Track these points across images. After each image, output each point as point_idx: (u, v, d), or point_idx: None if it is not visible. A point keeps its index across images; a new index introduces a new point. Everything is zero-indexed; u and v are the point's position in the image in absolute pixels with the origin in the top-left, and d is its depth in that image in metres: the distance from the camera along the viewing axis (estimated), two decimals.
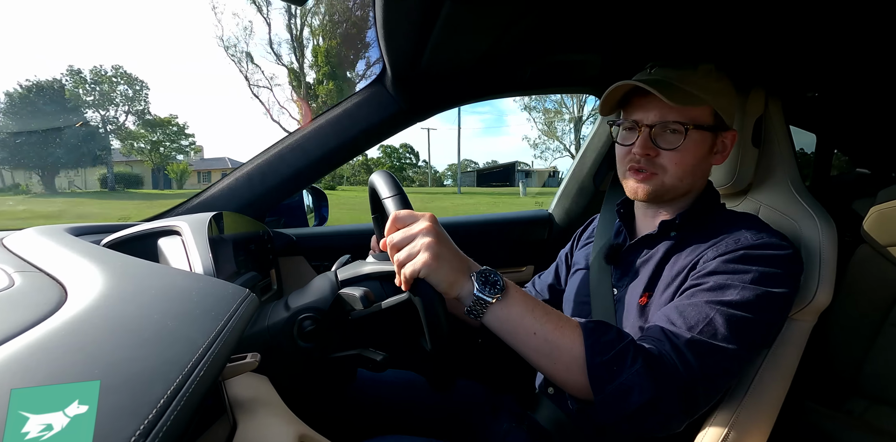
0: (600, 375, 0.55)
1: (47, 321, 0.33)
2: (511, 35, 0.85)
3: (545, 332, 0.57)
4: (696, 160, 0.71)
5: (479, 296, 0.56)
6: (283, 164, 1.06)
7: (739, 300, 0.60)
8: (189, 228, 0.70)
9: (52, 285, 0.43)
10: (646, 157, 0.71)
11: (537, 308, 0.59)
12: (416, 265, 0.55)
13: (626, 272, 0.78)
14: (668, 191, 0.73)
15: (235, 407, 0.51)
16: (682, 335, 0.58)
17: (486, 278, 0.58)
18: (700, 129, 0.70)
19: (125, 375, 0.28)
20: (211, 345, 0.35)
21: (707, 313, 0.60)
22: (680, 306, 0.62)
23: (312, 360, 0.67)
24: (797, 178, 0.85)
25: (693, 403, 0.57)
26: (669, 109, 0.69)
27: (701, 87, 0.69)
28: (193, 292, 0.43)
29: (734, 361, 0.59)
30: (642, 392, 0.53)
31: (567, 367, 0.57)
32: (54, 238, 0.60)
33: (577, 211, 1.51)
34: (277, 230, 1.21)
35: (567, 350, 0.56)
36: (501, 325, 0.58)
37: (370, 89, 1.07)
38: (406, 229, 0.57)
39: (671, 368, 0.56)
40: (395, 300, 0.65)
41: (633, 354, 0.56)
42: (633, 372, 0.54)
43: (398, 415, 0.86)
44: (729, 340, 0.58)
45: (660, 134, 0.70)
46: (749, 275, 0.62)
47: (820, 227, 0.75)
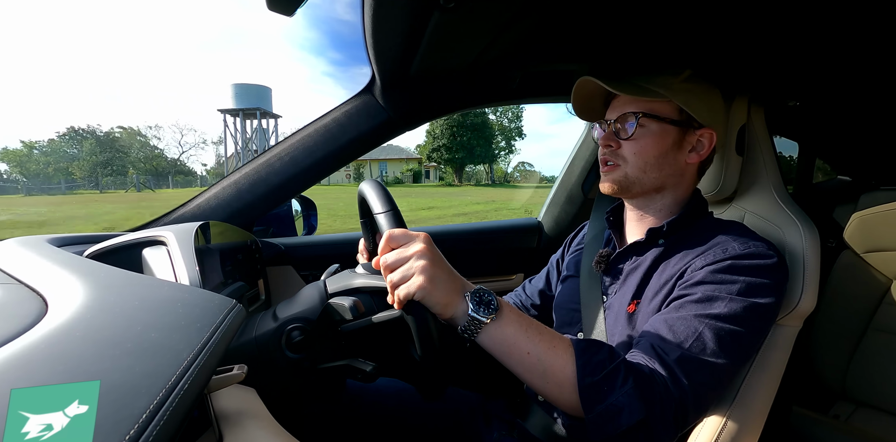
0: (591, 395, 0.55)
1: (27, 334, 0.32)
2: (500, 44, 0.86)
3: (538, 351, 0.57)
4: (658, 152, 0.72)
5: (474, 316, 0.56)
6: (271, 172, 1.06)
7: (727, 313, 0.61)
8: (175, 238, 0.69)
9: (32, 297, 0.42)
10: (608, 148, 0.75)
11: (531, 328, 0.59)
12: (411, 288, 0.55)
13: (616, 280, 0.78)
14: (633, 183, 0.74)
15: (221, 420, 0.50)
16: (671, 352, 0.59)
17: (481, 298, 0.58)
18: (656, 119, 0.72)
19: (106, 388, 0.27)
20: (196, 357, 0.34)
21: (696, 328, 0.60)
22: (669, 319, 0.63)
23: (301, 371, 0.66)
24: (780, 186, 0.87)
25: (683, 419, 0.57)
26: (630, 103, 0.74)
27: (661, 85, 0.72)
28: (178, 303, 0.43)
29: (723, 374, 0.60)
30: (632, 413, 0.54)
31: (559, 386, 0.57)
32: (35, 249, 0.58)
33: (566, 219, 1.52)
34: (265, 240, 1.20)
35: (559, 370, 0.57)
36: (495, 344, 0.58)
37: (359, 98, 1.07)
38: (401, 250, 0.57)
39: (661, 387, 0.56)
40: (386, 316, 0.64)
41: (624, 374, 0.56)
42: (624, 393, 0.55)
43: (388, 424, 0.85)
44: (718, 354, 0.59)
45: (621, 127, 0.74)
46: (736, 285, 0.63)
47: (803, 233, 0.77)
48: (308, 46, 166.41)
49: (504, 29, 0.79)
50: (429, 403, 0.89)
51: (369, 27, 0.74)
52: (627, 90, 0.72)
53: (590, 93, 0.79)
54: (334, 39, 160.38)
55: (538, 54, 0.97)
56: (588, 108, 0.82)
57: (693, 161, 0.75)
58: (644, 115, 0.72)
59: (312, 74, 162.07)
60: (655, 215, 0.78)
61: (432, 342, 0.56)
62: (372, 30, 0.75)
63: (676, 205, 0.77)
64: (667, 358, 0.59)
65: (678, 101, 0.71)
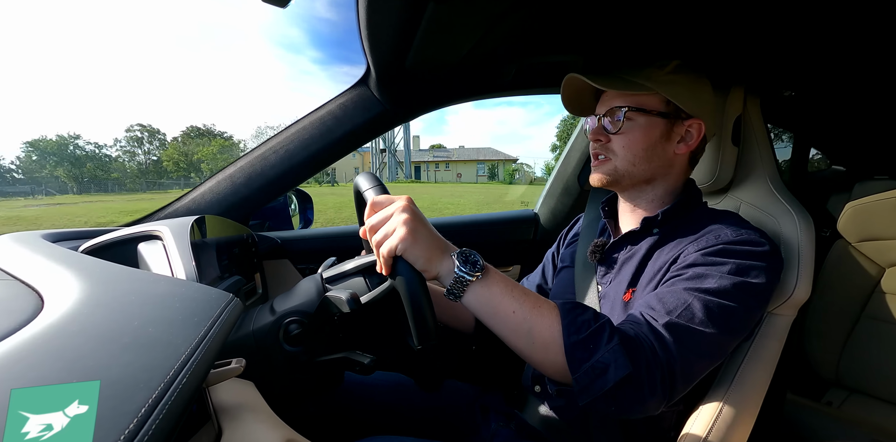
0: (577, 353, 0.55)
1: (23, 330, 0.32)
2: (495, 35, 0.86)
3: (524, 311, 0.58)
4: (646, 144, 0.73)
5: (460, 274, 0.57)
6: (266, 166, 1.05)
7: (717, 288, 0.61)
8: (170, 233, 0.69)
9: (27, 293, 0.42)
10: (598, 142, 0.76)
11: (516, 288, 0.60)
12: (393, 242, 0.56)
13: (611, 269, 0.79)
14: (623, 175, 0.75)
15: (220, 413, 0.50)
16: (659, 318, 0.59)
17: (467, 258, 0.59)
18: (642, 112, 0.73)
19: (105, 384, 0.27)
20: (194, 351, 0.34)
21: (685, 299, 0.61)
22: (659, 293, 0.64)
23: (299, 364, 0.66)
24: (776, 176, 0.87)
25: (671, 384, 0.57)
26: (617, 98, 0.74)
27: (646, 77, 0.73)
28: (175, 298, 0.43)
29: (712, 345, 0.60)
30: (618, 368, 0.54)
31: (545, 346, 0.57)
32: (29, 245, 0.58)
33: (562, 210, 1.52)
34: (262, 233, 1.19)
35: (545, 328, 0.57)
36: (481, 304, 0.59)
37: (354, 90, 1.06)
38: (383, 211, 0.59)
39: (648, 346, 0.57)
40: (374, 293, 0.65)
41: (609, 332, 0.57)
42: (609, 349, 0.55)
43: (386, 417, 0.86)
44: (706, 324, 0.59)
45: (609, 121, 0.75)
46: (727, 266, 0.63)
47: (798, 223, 0.77)
48: (287, 44, 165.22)
49: (498, 20, 0.78)
50: (426, 396, 0.90)
51: (364, 19, 0.73)
52: (613, 85, 0.72)
53: (579, 88, 0.79)
54: (314, 37, 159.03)
55: (532, 46, 0.96)
56: (578, 103, 0.83)
57: (682, 152, 0.75)
58: (630, 109, 0.72)
59: (292, 73, 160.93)
60: (648, 206, 0.78)
61: (421, 306, 0.57)
62: (367, 21, 0.74)
63: (668, 195, 0.78)
64: (654, 323, 0.59)
65: (664, 93, 0.72)
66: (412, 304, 0.57)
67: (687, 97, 0.73)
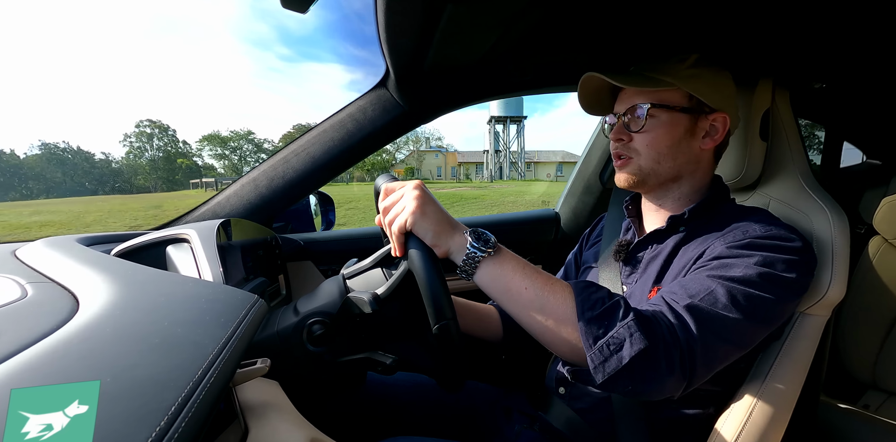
0: (591, 329, 0.54)
1: (60, 330, 0.33)
2: (512, 34, 0.85)
3: (536, 287, 0.57)
4: (670, 141, 0.71)
5: (472, 250, 0.58)
6: (289, 169, 1.07)
7: (743, 276, 0.59)
8: (197, 236, 0.70)
9: (63, 295, 0.43)
10: (620, 142, 0.74)
11: (528, 266, 0.59)
12: (402, 217, 0.58)
13: (636, 268, 0.77)
14: (648, 175, 0.73)
15: (247, 412, 0.51)
16: (680, 301, 0.58)
17: (479, 235, 0.59)
18: (666, 108, 0.71)
19: (135, 382, 0.28)
20: (221, 351, 0.35)
21: (709, 285, 0.59)
22: (682, 281, 0.62)
23: (322, 364, 0.67)
24: (807, 171, 0.84)
25: (690, 364, 0.55)
26: (636, 95, 0.73)
27: (666, 73, 0.71)
28: (203, 299, 0.44)
29: (735, 331, 0.58)
30: (633, 343, 0.52)
31: (558, 323, 0.56)
32: (65, 249, 0.60)
33: (584, 209, 1.50)
34: (285, 236, 1.21)
35: (558, 305, 0.56)
36: (494, 281, 0.59)
37: (374, 93, 1.07)
38: (394, 193, 0.61)
39: (665, 324, 0.55)
40: (392, 281, 0.65)
41: (624, 309, 0.55)
42: (625, 324, 0.54)
43: (409, 417, 0.86)
44: (729, 309, 0.57)
45: (631, 119, 0.73)
46: (754, 258, 0.61)
47: (832, 220, 0.74)
48: (254, 40, 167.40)
49: (516, 19, 0.78)
50: (448, 397, 0.90)
51: (383, 22, 0.74)
52: (633, 82, 0.70)
53: (597, 87, 0.77)
54: (282, 34, 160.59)
55: (550, 44, 0.95)
56: (596, 102, 0.81)
57: (708, 147, 0.74)
58: (653, 106, 0.71)
59: (258, 69, 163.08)
60: (674, 204, 0.76)
61: (435, 280, 0.57)
62: (385, 24, 0.75)
63: (695, 192, 0.76)
64: (675, 305, 0.58)
65: (687, 88, 0.70)
66: (425, 278, 0.57)
67: (709, 91, 0.71)
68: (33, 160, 62.59)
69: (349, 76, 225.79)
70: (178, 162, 63.41)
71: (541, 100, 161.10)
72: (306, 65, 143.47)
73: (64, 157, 62.68)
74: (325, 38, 27.49)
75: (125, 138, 65.77)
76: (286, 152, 1.08)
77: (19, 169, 61.10)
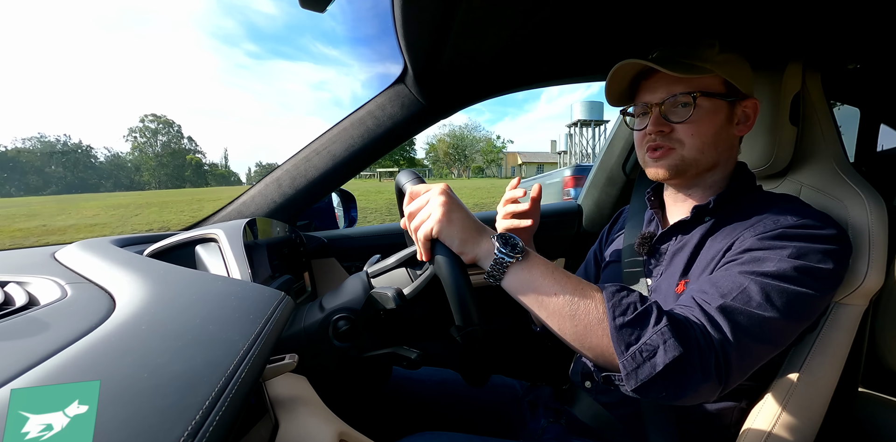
0: (623, 336, 0.52)
1: (98, 329, 0.35)
2: (531, 24, 0.84)
3: (566, 292, 0.55)
4: (714, 129, 0.70)
5: (500, 255, 0.56)
6: (310, 167, 1.09)
7: (776, 271, 0.57)
8: (225, 236, 0.72)
9: (101, 295, 0.45)
10: (660, 134, 0.71)
11: (557, 271, 0.58)
12: (429, 224, 0.57)
13: (660, 261, 0.76)
14: (690, 165, 0.71)
15: (277, 406, 0.53)
16: (712, 301, 0.56)
17: (506, 240, 0.58)
18: (711, 96, 0.69)
19: (171, 378, 0.29)
20: (251, 347, 0.36)
21: (741, 282, 0.57)
22: (713, 278, 0.60)
23: (348, 359, 0.68)
24: (841, 156, 0.81)
25: (726, 369, 0.53)
26: (675, 83, 0.70)
27: (702, 59, 0.69)
28: (232, 297, 0.45)
29: (771, 329, 0.56)
30: (667, 350, 0.51)
31: (589, 329, 0.54)
32: (100, 250, 0.63)
33: (607, 201, 1.48)
34: (309, 233, 1.23)
35: (589, 311, 0.55)
36: (522, 286, 0.57)
37: (392, 89, 1.08)
38: (420, 197, 0.60)
39: (699, 328, 0.54)
40: (417, 283, 0.66)
41: (657, 314, 0.53)
42: (658, 331, 0.52)
43: (434, 411, 0.87)
44: (764, 307, 0.55)
45: (670, 109, 0.71)
46: (787, 250, 0.59)
47: (868, 206, 0.71)
48: (221, 35, 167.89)
49: (533, 10, 0.77)
50: (473, 391, 0.90)
51: (400, 17, 0.74)
52: (677, 69, 0.68)
53: (622, 77, 0.75)
54: (251, 30, 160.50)
55: (568, 34, 0.94)
56: (619, 92, 0.78)
57: (742, 133, 0.73)
58: (701, 94, 0.68)
59: (226, 66, 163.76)
60: (703, 193, 0.75)
61: (461, 285, 0.57)
62: (402, 20, 0.75)
63: (724, 180, 0.74)
64: (707, 306, 0.56)
65: (724, 75, 0.68)
66: (452, 285, 0.57)
67: (741, 76, 0.70)
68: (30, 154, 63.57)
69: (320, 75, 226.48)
70: (187, 158, 63.83)
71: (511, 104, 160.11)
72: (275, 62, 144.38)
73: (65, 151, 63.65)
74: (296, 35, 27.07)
75: (130, 133, 66.35)
76: (308, 151, 1.10)
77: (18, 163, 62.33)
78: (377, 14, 73.30)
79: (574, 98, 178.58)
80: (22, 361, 0.29)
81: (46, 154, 62.66)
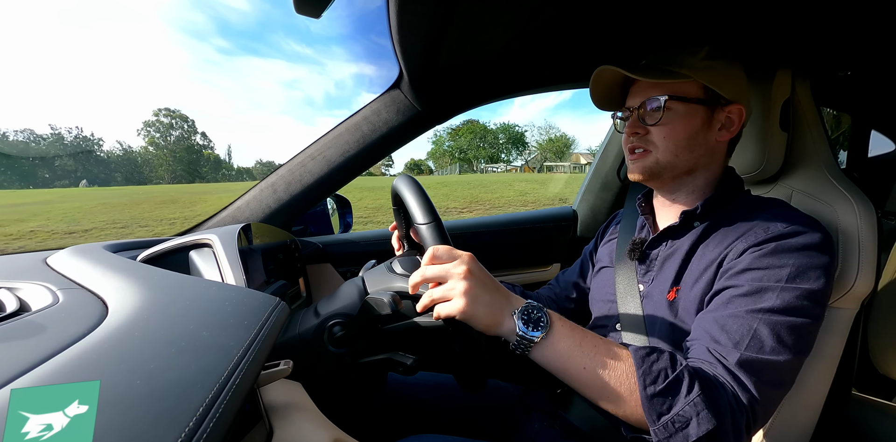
0: (655, 406, 0.53)
1: (90, 335, 0.35)
2: (527, 30, 0.85)
3: (595, 365, 0.55)
4: (687, 133, 0.70)
5: (523, 336, 0.55)
6: (305, 173, 1.08)
7: (780, 305, 0.58)
8: (219, 241, 0.72)
9: (93, 301, 0.45)
10: (636, 136, 0.73)
11: (585, 340, 0.56)
12: (452, 311, 0.54)
13: (652, 267, 0.76)
14: (664, 168, 0.72)
15: (271, 413, 0.52)
16: (730, 355, 0.57)
17: (529, 316, 0.56)
18: (681, 100, 0.70)
19: (164, 384, 0.29)
20: (245, 353, 0.36)
21: (750, 325, 0.58)
22: (719, 319, 0.60)
23: (344, 365, 0.68)
24: (831, 162, 0.82)
25: (754, 424, 0.55)
26: (652, 88, 0.72)
27: (681, 65, 0.70)
28: (226, 303, 0.45)
29: (786, 371, 0.58)
30: (701, 423, 0.51)
31: (620, 399, 0.54)
32: (93, 256, 0.62)
33: (602, 206, 1.49)
34: (304, 239, 1.23)
35: (620, 382, 0.54)
36: (549, 361, 0.56)
37: (388, 95, 1.08)
38: (444, 267, 0.55)
39: (730, 393, 0.54)
40: (430, 323, 0.66)
41: (689, 381, 0.53)
42: (691, 401, 0.52)
43: (430, 416, 0.87)
44: (778, 351, 0.56)
45: (646, 112, 0.72)
46: (784, 270, 0.60)
47: (858, 211, 0.72)
48: (190, 30, 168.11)
49: (529, 15, 0.78)
50: (469, 396, 0.90)
51: (395, 23, 0.74)
52: (648, 74, 0.69)
53: (609, 81, 0.76)
54: (220, 26, 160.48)
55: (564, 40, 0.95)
56: (607, 97, 0.80)
57: (724, 139, 0.73)
58: (670, 98, 0.70)
59: (194, 61, 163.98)
60: (688, 198, 0.75)
61: (477, 351, 0.57)
62: (398, 25, 0.75)
63: (709, 185, 0.75)
64: (727, 362, 0.56)
65: (703, 80, 0.69)
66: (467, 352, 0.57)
67: (725, 82, 0.70)
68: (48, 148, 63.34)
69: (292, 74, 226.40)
70: (205, 154, 63.63)
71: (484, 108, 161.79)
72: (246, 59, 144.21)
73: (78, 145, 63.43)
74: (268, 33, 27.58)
75: (144, 127, 66.11)
76: (303, 156, 1.10)
77: None
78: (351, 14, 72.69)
79: (547, 104, 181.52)
80: (11, 368, 0.29)
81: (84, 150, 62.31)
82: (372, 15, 19.98)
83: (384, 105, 1.08)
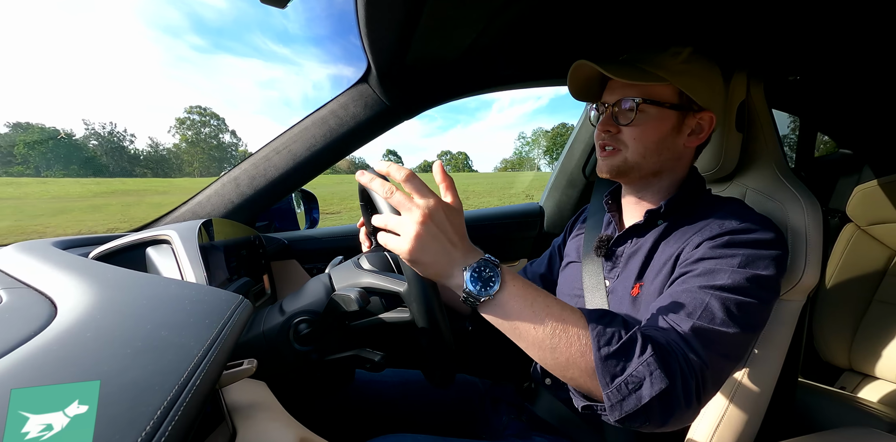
0: (608, 367, 0.51)
1: (38, 337, 0.33)
2: (497, 26, 0.85)
3: (546, 326, 0.53)
4: (657, 137, 0.72)
5: (469, 292, 0.53)
6: (270, 167, 1.06)
7: (731, 284, 0.60)
8: (178, 237, 0.69)
9: (40, 300, 0.42)
10: (607, 133, 0.74)
11: (537, 301, 0.54)
12: (394, 248, 0.52)
13: (617, 263, 0.78)
14: (631, 168, 0.74)
15: (234, 413, 0.51)
16: (682, 323, 0.58)
17: (480, 273, 0.53)
18: (655, 104, 0.71)
19: (120, 387, 0.28)
20: (206, 353, 0.34)
21: (702, 299, 0.59)
22: (674, 294, 0.62)
23: (310, 363, 0.67)
24: (781, 162, 0.86)
25: (703, 390, 0.55)
26: (629, 88, 0.72)
27: (659, 66, 0.70)
28: (186, 301, 0.43)
29: (735, 345, 0.59)
30: (654, 383, 0.50)
31: (572, 359, 0.53)
32: (40, 253, 0.59)
33: (568, 203, 1.52)
34: (268, 235, 1.20)
35: (572, 342, 0.53)
36: (497, 319, 0.55)
37: (355, 89, 1.06)
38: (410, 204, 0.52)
39: (680, 355, 0.54)
40: (396, 318, 0.65)
41: (642, 342, 0.53)
42: (644, 361, 0.51)
43: (398, 413, 0.87)
44: (727, 323, 0.58)
45: (619, 111, 0.73)
46: (736, 258, 0.62)
47: (805, 208, 0.76)
48: (164, 26, 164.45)
49: (499, 12, 0.78)
50: (437, 391, 0.91)
51: (363, 16, 0.73)
52: (624, 74, 0.69)
53: (586, 75, 0.77)
54: (195, 23, 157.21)
55: (535, 37, 0.95)
56: (585, 89, 0.81)
57: (692, 144, 0.74)
58: (644, 101, 0.70)
59: (167, 58, 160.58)
60: (654, 197, 0.77)
61: (444, 346, 0.57)
62: (366, 19, 0.74)
63: (673, 185, 0.77)
64: (679, 328, 0.57)
65: (678, 85, 0.70)
66: (433, 350, 0.58)
67: (700, 88, 0.71)
68: None
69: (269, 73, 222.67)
70: (240, 151, 61.95)
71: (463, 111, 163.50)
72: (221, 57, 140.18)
73: None
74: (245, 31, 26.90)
75: (179, 124, 64.35)
76: (267, 150, 1.07)
77: None
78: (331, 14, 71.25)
79: (525, 109, 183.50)
80: None
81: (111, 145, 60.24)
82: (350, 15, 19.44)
83: (352, 99, 1.06)
